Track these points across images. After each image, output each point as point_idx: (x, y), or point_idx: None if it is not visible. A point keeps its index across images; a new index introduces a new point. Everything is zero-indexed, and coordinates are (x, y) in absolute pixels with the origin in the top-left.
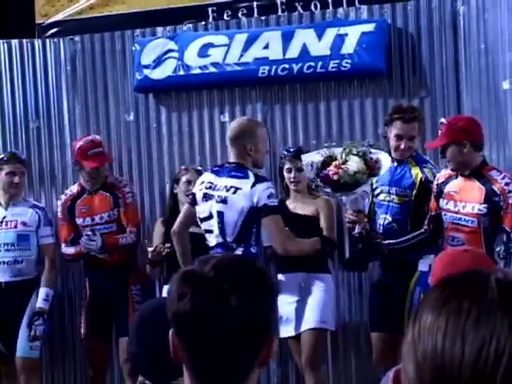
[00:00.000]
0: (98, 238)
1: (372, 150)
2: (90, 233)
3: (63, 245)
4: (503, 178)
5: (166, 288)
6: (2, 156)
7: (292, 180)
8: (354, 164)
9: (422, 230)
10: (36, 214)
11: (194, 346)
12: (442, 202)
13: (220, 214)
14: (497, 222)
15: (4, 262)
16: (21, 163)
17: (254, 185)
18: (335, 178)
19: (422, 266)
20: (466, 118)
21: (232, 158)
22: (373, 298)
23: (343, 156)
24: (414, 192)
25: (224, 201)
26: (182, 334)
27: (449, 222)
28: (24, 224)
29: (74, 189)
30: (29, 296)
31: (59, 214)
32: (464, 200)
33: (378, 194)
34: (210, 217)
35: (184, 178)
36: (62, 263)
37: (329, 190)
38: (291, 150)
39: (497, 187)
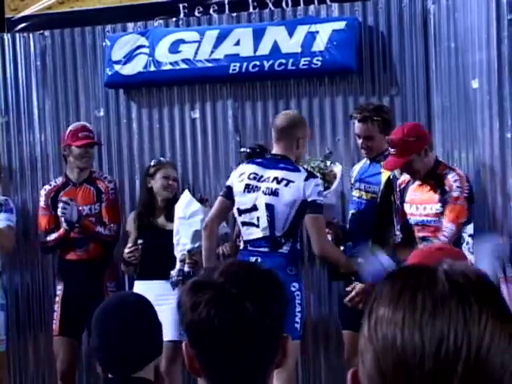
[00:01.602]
0: (75, 209)
1: (327, 163)
2: (67, 200)
3: (43, 234)
4: (454, 176)
5: (136, 284)
6: None
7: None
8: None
9: None
10: None
11: (210, 354)
12: (406, 207)
13: (269, 207)
14: None
15: None
16: None
17: (307, 178)
18: None
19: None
20: (411, 126)
21: (278, 150)
22: (343, 295)
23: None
24: (381, 189)
25: (274, 193)
26: (197, 343)
27: (414, 224)
28: None
29: (58, 180)
30: None
31: (42, 203)
32: (424, 202)
33: (352, 190)
34: (252, 209)
35: (162, 173)
36: (32, 255)
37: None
38: (245, 149)
39: (447, 185)
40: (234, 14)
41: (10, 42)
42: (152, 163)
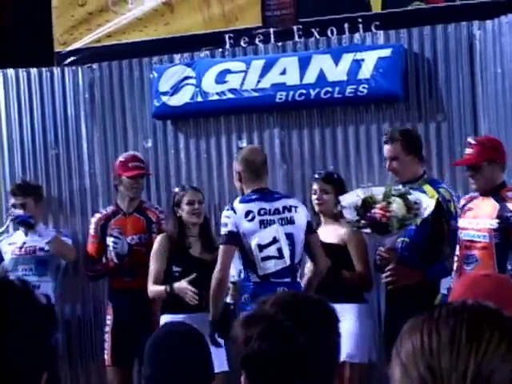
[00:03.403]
0: (125, 242)
1: (411, 191)
2: (118, 234)
3: (90, 261)
4: None
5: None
6: (14, 184)
7: (316, 202)
8: (398, 206)
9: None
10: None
11: None
12: (460, 221)
13: (289, 236)
14: (507, 239)
15: None
16: (22, 196)
17: (299, 203)
18: (383, 220)
19: (443, 288)
20: (493, 138)
21: (261, 184)
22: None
23: (386, 198)
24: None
25: (291, 221)
26: (253, 376)
27: (463, 239)
28: (42, 250)
29: (109, 209)
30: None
31: (91, 230)
32: (478, 216)
33: None
34: (272, 242)
35: (185, 200)
36: (82, 285)
37: (368, 230)
38: (321, 172)
39: (510, 205)
40: (280, 44)
41: (59, 76)
42: (176, 190)
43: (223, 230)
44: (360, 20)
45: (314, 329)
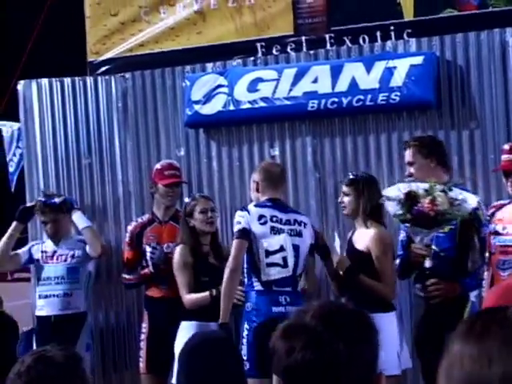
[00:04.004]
0: (162, 253)
1: (452, 188)
2: (155, 245)
3: (125, 270)
4: None
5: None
6: (37, 202)
7: (341, 205)
8: (442, 201)
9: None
10: (84, 248)
11: None
12: (491, 227)
13: (296, 247)
14: None
15: (55, 295)
16: (52, 211)
17: (309, 222)
18: (431, 214)
19: (472, 295)
20: None
21: (277, 195)
22: (422, 330)
23: (429, 193)
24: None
25: (299, 234)
26: None
27: (497, 245)
28: (73, 257)
29: (144, 217)
30: (78, 331)
31: (127, 239)
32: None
33: None
34: (279, 250)
35: (198, 209)
36: (116, 293)
37: (407, 225)
38: (350, 175)
39: None
40: (312, 52)
41: (92, 85)
42: (186, 200)
43: (237, 227)
44: (392, 28)
45: (356, 340)
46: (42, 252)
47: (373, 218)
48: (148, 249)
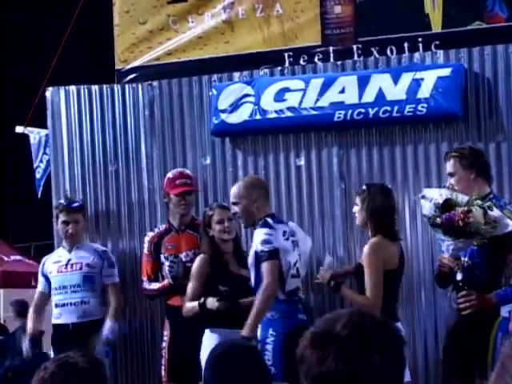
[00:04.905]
0: (181, 265)
1: (494, 208)
2: (174, 259)
3: (145, 280)
4: None
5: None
6: (60, 203)
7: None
8: (477, 214)
9: None
10: (100, 256)
11: None
12: None
13: (300, 257)
14: None
15: (71, 304)
16: (75, 212)
17: None
18: (460, 224)
19: (504, 311)
20: None
21: (271, 210)
22: (451, 341)
23: (468, 205)
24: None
25: (298, 244)
26: None
27: None
28: (88, 266)
29: (161, 226)
30: (95, 338)
31: (145, 249)
32: None
33: None
34: (296, 261)
35: (215, 219)
36: (139, 301)
37: (439, 230)
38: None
39: None
40: (339, 62)
41: (119, 93)
42: (205, 211)
43: (267, 247)
44: (420, 39)
45: (388, 350)
46: (55, 262)
47: (377, 224)
48: (166, 263)
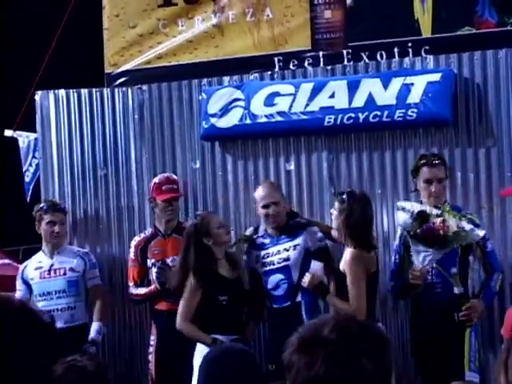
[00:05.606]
0: (168, 271)
1: (462, 220)
2: (161, 265)
3: (132, 286)
4: None
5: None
6: (42, 205)
7: None
8: (452, 224)
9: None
10: (81, 259)
11: None
12: None
13: None
14: None
15: (58, 310)
16: (61, 212)
17: None
18: (441, 233)
19: None
20: None
21: None
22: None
23: (442, 215)
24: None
25: None
26: None
27: None
28: (72, 270)
29: (147, 231)
30: (82, 342)
31: (131, 254)
32: None
33: None
34: None
35: (215, 225)
36: (129, 305)
37: (411, 241)
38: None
39: None
40: (329, 67)
41: (109, 97)
42: (196, 223)
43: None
44: (410, 44)
45: (373, 353)
46: (37, 269)
47: (356, 237)
48: (154, 269)
